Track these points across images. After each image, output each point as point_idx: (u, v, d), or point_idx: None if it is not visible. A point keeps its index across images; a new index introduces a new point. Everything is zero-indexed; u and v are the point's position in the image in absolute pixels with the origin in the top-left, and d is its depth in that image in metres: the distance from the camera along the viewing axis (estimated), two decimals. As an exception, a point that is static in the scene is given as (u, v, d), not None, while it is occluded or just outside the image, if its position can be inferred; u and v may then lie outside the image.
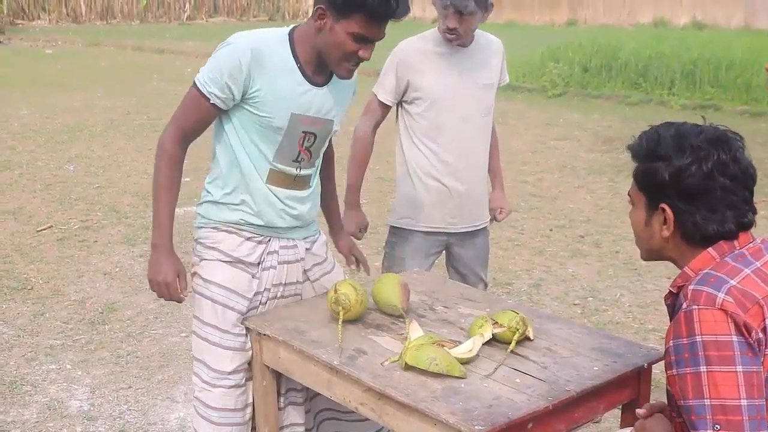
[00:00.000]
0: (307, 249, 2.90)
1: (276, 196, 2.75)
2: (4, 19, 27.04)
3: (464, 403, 2.14)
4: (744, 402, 1.75)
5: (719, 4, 25.12)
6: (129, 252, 6.17)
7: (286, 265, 2.84)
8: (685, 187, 1.91)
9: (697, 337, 1.79)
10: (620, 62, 14.45)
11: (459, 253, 3.68)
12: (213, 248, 2.81)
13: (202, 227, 2.86)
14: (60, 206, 7.34)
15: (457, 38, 3.39)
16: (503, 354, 2.42)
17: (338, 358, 2.41)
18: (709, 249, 1.93)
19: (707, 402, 1.77)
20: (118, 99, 13.30)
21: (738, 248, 1.94)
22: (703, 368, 1.78)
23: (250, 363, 2.77)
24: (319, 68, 2.68)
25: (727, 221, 1.91)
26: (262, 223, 2.77)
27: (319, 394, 2.68)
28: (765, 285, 1.86)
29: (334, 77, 2.71)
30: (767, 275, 1.89)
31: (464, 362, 2.34)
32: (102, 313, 5.08)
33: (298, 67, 2.65)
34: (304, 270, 2.91)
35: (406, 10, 2.55)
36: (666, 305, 2.06)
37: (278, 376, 2.78)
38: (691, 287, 1.86)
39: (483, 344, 2.44)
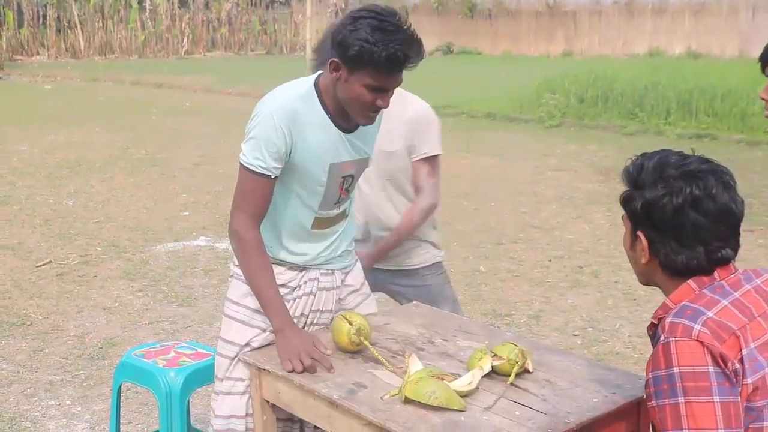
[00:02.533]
0: (342, 280, 2.95)
1: (320, 234, 2.82)
2: (3, 54, 27.20)
3: (464, 437, 2.14)
4: (722, 431, 1.77)
5: (714, 33, 25.34)
6: (128, 287, 6.18)
7: (324, 291, 2.88)
8: (655, 219, 1.93)
9: (674, 368, 1.81)
10: (616, 93, 14.54)
11: (399, 291, 3.65)
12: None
13: None
14: (59, 241, 7.35)
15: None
16: (503, 386, 2.42)
17: (398, 379, 2.43)
18: (689, 281, 1.95)
19: None
20: (116, 134, 13.36)
21: (717, 280, 1.95)
22: (681, 399, 1.80)
23: None
24: (345, 115, 2.68)
25: (698, 256, 1.93)
26: (300, 263, 2.84)
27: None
28: (742, 316, 1.88)
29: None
30: (745, 306, 1.91)
31: (464, 395, 2.34)
32: (101, 348, 5.08)
33: (330, 118, 2.67)
34: (339, 299, 2.94)
35: (419, 57, 2.54)
36: (648, 336, 2.07)
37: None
38: (668, 320, 1.88)
39: (482, 377, 2.44)
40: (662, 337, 1.86)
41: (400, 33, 2.49)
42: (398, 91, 3.04)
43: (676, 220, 1.91)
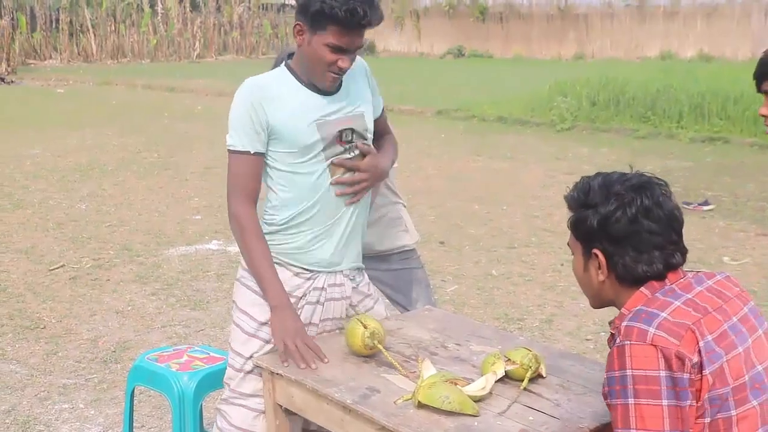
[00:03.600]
0: (353, 288, 2.97)
1: (334, 203, 2.81)
2: (16, 58, 27.33)
3: (478, 442, 2.14)
4: None
5: (726, 36, 25.25)
6: (141, 290, 6.20)
7: (332, 302, 2.90)
8: (612, 232, 2.05)
9: (627, 371, 1.90)
10: (628, 96, 14.49)
11: (375, 276, 3.66)
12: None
13: None
14: (72, 245, 7.38)
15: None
16: (516, 391, 2.42)
17: (411, 383, 2.44)
18: (641, 288, 2.05)
19: None
20: (129, 137, 13.40)
21: (668, 284, 2.05)
22: (631, 401, 1.89)
23: None
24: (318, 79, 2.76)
25: (655, 261, 2.03)
26: (314, 260, 2.84)
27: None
28: (695, 312, 1.96)
29: (342, 83, 2.79)
30: (697, 304, 1.99)
31: (477, 400, 2.34)
32: (115, 351, 5.09)
33: (304, 85, 2.75)
34: (351, 305, 2.97)
35: (378, 17, 2.62)
36: (609, 347, 2.11)
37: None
38: (624, 324, 1.97)
39: (496, 382, 2.44)
40: (618, 340, 1.95)
41: None
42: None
43: (632, 229, 2.03)
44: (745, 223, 8.04)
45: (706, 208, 8.52)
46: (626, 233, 2.03)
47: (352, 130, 2.82)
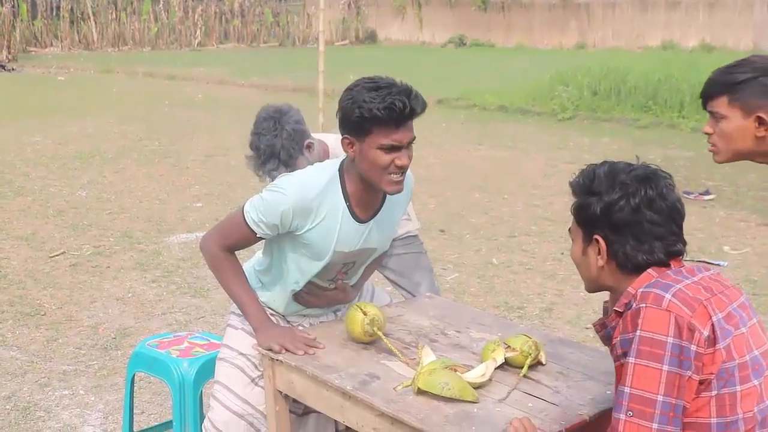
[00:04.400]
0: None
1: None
2: (17, 46, 27.25)
3: (477, 428, 2.14)
4: (660, 398, 1.89)
5: (728, 26, 25.18)
6: (141, 277, 6.20)
7: (317, 323, 2.98)
8: (615, 220, 2.07)
9: (637, 331, 1.94)
10: (629, 85, 14.45)
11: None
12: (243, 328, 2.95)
13: None
14: (73, 232, 7.38)
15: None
16: (516, 378, 2.42)
17: (410, 370, 2.46)
18: (649, 270, 2.07)
19: (627, 389, 1.93)
20: (129, 125, 13.39)
21: (674, 268, 2.08)
22: (631, 359, 1.93)
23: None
24: (367, 203, 2.71)
25: (656, 251, 2.06)
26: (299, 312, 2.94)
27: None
28: (705, 291, 2.00)
29: (381, 210, 2.75)
30: (706, 286, 2.03)
31: (477, 387, 2.34)
32: (115, 338, 5.10)
33: (347, 207, 2.68)
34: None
35: (421, 104, 2.54)
36: (607, 327, 2.13)
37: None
38: (641, 289, 2.00)
39: (495, 369, 2.45)
40: (633, 304, 1.97)
41: (394, 86, 2.52)
42: None
43: (635, 218, 2.05)
44: (746, 212, 8.04)
45: (707, 197, 8.53)
46: (628, 222, 2.05)
47: (354, 263, 2.84)
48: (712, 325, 1.93)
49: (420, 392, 2.32)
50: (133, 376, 3.56)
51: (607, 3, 28.22)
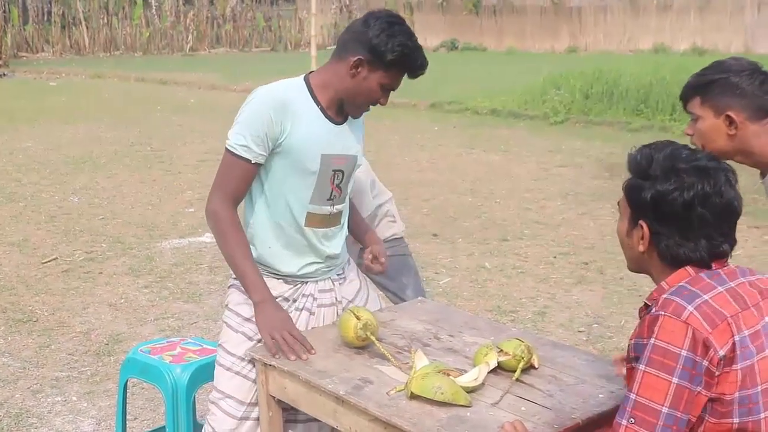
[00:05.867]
0: (341, 284, 3.00)
1: (311, 238, 2.83)
2: (8, 51, 27.20)
3: (470, 432, 2.14)
4: (665, 410, 1.85)
5: (719, 30, 25.28)
6: (134, 283, 6.19)
7: (323, 308, 2.92)
8: (664, 211, 1.97)
9: (652, 339, 1.89)
10: (621, 89, 14.50)
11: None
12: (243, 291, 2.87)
13: None
14: (65, 238, 7.36)
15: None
16: (509, 382, 2.42)
17: (403, 374, 2.45)
18: (687, 267, 1.99)
19: (632, 396, 1.89)
20: (121, 130, 13.37)
21: (714, 269, 2.00)
22: (642, 367, 1.89)
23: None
24: (339, 110, 2.80)
25: (700, 249, 1.98)
26: (297, 273, 2.87)
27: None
28: (736, 304, 1.92)
29: (348, 119, 2.84)
30: (739, 295, 1.95)
31: (470, 391, 2.35)
32: (107, 344, 5.09)
33: (320, 109, 2.76)
34: (343, 308, 2.97)
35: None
36: (639, 317, 2.09)
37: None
38: (664, 296, 1.94)
39: (488, 372, 2.45)
40: (654, 310, 1.93)
41: (420, 47, 2.73)
42: None
43: (685, 213, 1.95)
44: (738, 215, 8.04)
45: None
46: (677, 216, 1.96)
47: (343, 174, 2.84)
48: (734, 344, 1.86)
49: (413, 396, 2.32)
50: (126, 381, 3.55)
51: (599, 7, 28.32)
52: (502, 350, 2.50)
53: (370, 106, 2.79)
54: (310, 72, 2.85)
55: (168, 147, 11.95)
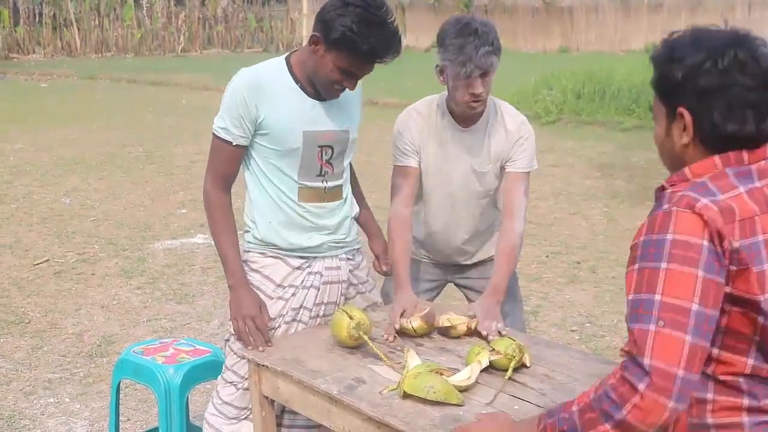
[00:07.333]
0: (350, 270, 2.99)
1: (310, 214, 2.85)
2: (-1, 53, 27.14)
3: (463, 431, 2.14)
4: (695, 307, 1.69)
5: (710, 29, 25.30)
6: (126, 284, 6.18)
7: (328, 285, 2.93)
8: (700, 85, 1.80)
9: (668, 235, 1.74)
10: (613, 88, 14.52)
11: (468, 285, 3.61)
12: (256, 271, 2.90)
13: (249, 251, 2.94)
14: (57, 239, 7.35)
15: (482, 104, 3.07)
16: (501, 381, 2.43)
17: (396, 373, 2.46)
18: (716, 156, 1.83)
19: (657, 297, 1.71)
20: (113, 132, 13.34)
21: (746, 163, 1.84)
22: (663, 264, 1.72)
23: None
24: (316, 88, 2.80)
25: (748, 121, 1.79)
26: (303, 245, 2.87)
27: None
28: (755, 205, 1.80)
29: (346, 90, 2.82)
30: (764, 196, 1.82)
31: (462, 390, 2.35)
32: (100, 345, 5.08)
33: (299, 86, 2.77)
34: (351, 284, 3.01)
35: (396, 54, 2.66)
36: (655, 195, 1.95)
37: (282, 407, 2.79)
38: (680, 193, 1.80)
39: (481, 372, 2.45)
40: (665, 205, 1.80)
41: (384, 28, 2.61)
42: (493, 101, 3.15)
43: (723, 81, 1.78)
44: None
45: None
46: (716, 87, 1.78)
47: (332, 149, 2.84)
48: (749, 245, 1.74)
49: (406, 396, 2.32)
50: (119, 383, 3.55)
51: (590, 7, 28.35)
52: (494, 349, 2.51)
53: (339, 88, 2.74)
54: (294, 50, 2.88)
55: (160, 148, 11.92)
